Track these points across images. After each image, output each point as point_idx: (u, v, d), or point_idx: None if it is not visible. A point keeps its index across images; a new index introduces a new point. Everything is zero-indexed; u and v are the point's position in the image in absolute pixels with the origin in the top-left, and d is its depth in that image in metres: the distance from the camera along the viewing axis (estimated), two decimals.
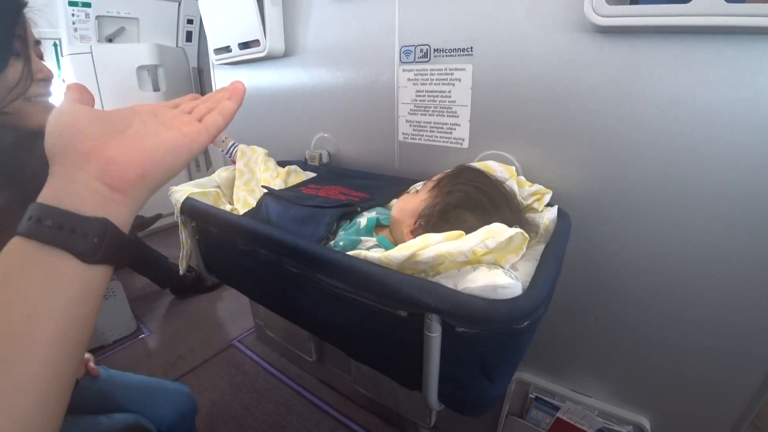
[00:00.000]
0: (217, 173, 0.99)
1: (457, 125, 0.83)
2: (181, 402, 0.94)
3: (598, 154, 0.70)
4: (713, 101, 0.59)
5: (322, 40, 1.01)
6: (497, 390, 0.50)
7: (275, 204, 0.76)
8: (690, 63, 0.59)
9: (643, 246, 0.71)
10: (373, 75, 0.93)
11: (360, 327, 0.55)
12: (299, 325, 0.72)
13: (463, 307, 0.40)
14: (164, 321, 2.00)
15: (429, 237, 0.49)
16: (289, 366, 1.65)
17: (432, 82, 0.83)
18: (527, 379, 0.93)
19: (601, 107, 0.67)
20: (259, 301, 0.90)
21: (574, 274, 0.78)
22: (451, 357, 0.47)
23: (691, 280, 0.68)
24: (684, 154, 0.62)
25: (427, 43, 0.82)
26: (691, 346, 0.72)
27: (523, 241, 0.48)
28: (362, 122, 1.00)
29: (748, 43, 0.55)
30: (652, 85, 0.62)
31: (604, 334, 0.81)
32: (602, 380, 0.86)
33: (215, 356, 1.73)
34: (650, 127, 0.64)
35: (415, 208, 0.64)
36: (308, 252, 0.53)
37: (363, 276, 0.47)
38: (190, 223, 0.84)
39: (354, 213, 0.71)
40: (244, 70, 1.25)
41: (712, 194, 0.62)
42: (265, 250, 0.62)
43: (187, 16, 2.85)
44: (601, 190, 0.71)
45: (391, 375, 0.59)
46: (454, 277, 0.46)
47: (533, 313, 0.41)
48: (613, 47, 0.64)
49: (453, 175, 0.67)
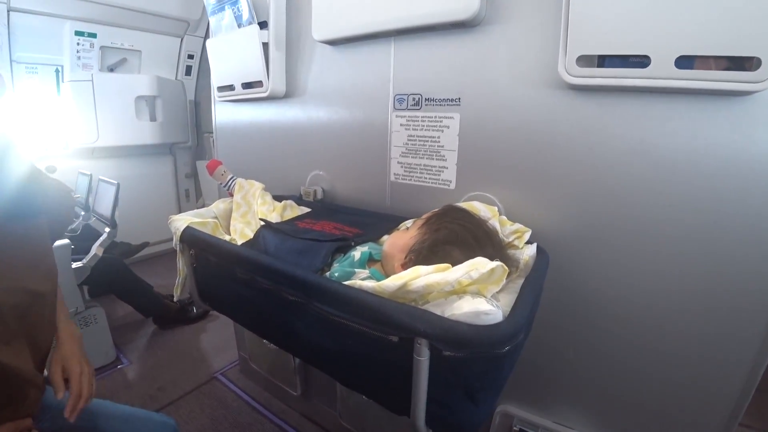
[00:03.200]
0: (214, 204, 1.03)
1: (445, 168, 0.90)
2: None
3: (572, 196, 0.77)
4: (671, 150, 0.67)
5: (321, 84, 1.09)
6: (481, 414, 0.54)
7: (272, 236, 0.80)
8: (650, 117, 0.68)
9: (615, 280, 0.77)
10: (367, 119, 1.01)
11: (353, 352, 0.59)
12: (292, 352, 0.75)
13: (450, 331, 0.45)
14: (145, 351, 1.96)
15: (419, 269, 0.54)
16: (273, 400, 1.62)
17: (423, 127, 0.91)
18: (511, 411, 0.95)
19: (574, 155, 0.75)
20: (253, 329, 0.92)
21: (554, 308, 0.83)
22: (438, 381, 0.51)
23: (658, 312, 0.74)
24: (648, 197, 0.70)
25: (419, 93, 0.90)
26: (664, 374, 0.77)
27: (503, 273, 0.53)
28: (356, 162, 1.06)
29: (698, 102, 0.64)
30: (618, 136, 0.71)
31: (582, 365, 0.85)
32: (583, 412, 0.89)
33: (197, 389, 1.69)
34: (618, 172, 0.72)
35: (405, 244, 0.69)
36: (308, 281, 0.57)
37: (359, 303, 0.51)
38: (189, 252, 0.87)
39: (348, 247, 0.76)
40: (246, 107, 1.32)
41: (674, 232, 0.69)
42: (264, 279, 0.66)
43: (188, 52, 2.97)
44: (577, 228, 0.78)
45: (380, 400, 0.62)
46: (441, 306, 0.50)
47: (514, 338, 0.46)
48: (584, 102, 0.73)
49: (441, 214, 0.73)
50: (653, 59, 0.61)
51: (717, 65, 0.58)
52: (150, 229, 2.94)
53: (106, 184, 1.83)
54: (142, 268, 2.71)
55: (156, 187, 3.08)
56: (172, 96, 2.90)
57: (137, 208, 2.75)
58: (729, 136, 0.62)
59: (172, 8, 2.64)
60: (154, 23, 2.68)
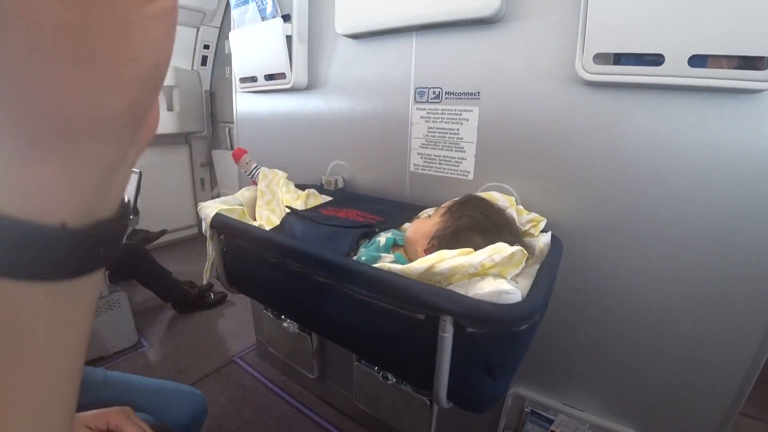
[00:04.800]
0: (240, 192, 1.08)
1: (463, 159, 0.94)
2: (195, 404, 0.99)
3: (586, 188, 0.80)
4: (683, 146, 0.70)
5: (343, 76, 1.13)
6: (499, 388, 0.58)
7: (299, 223, 0.84)
8: (663, 113, 0.71)
9: (626, 268, 0.80)
10: (388, 111, 1.04)
11: (380, 330, 0.63)
12: (319, 332, 0.80)
13: (473, 309, 0.49)
14: (165, 335, 2.03)
15: (444, 253, 0.58)
16: (290, 383, 1.68)
17: (442, 120, 0.94)
18: (523, 393, 1.00)
19: (589, 148, 0.78)
20: (281, 310, 0.97)
21: (566, 294, 0.87)
22: (460, 356, 0.55)
23: (667, 300, 0.78)
24: (659, 189, 0.73)
25: (440, 86, 0.93)
26: (671, 358, 0.81)
27: (523, 257, 0.57)
28: (376, 152, 1.10)
29: (709, 100, 0.67)
30: (632, 131, 0.74)
31: (593, 350, 0.89)
32: (592, 394, 0.93)
33: (216, 371, 1.76)
34: (631, 165, 0.75)
35: (428, 231, 0.73)
36: (340, 264, 0.62)
37: (389, 284, 0.56)
38: (218, 237, 0.92)
39: (373, 233, 0.80)
40: (267, 98, 1.36)
41: (683, 222, 0.73)
42: (295, 262, 0.70)
43: (204, 42, 3.00)
44: (590, 218, 0.81)
45: (404, 376, 0.66)
46: (465, 286, 0.54)
47: (531, 317, 0.50)
48: (600, 98, 0.76)
49: (462, 203, 0.77)
50: (667, 58, 0.64)
51: (729, 64, 0.61)
52: (167, 216, 3.02)
53: None
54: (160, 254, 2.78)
55: (172, 175, 3.15)
56: (188, 86, 2.95)
57: (154, 196, 2.81)
58: (739, 132, 0.65)
59: None
60: None
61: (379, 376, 1.14)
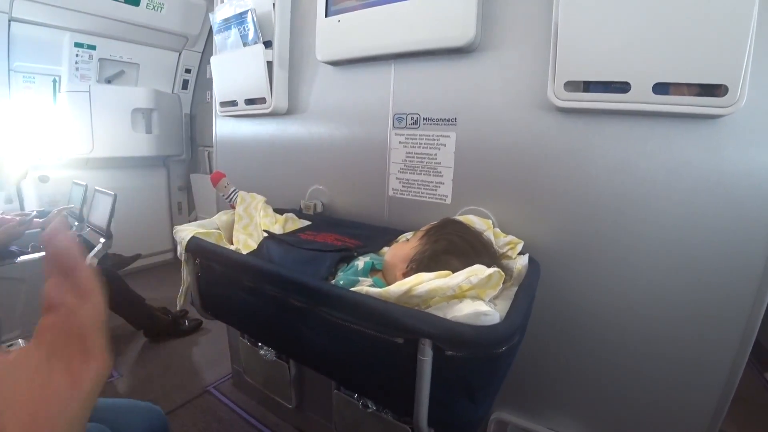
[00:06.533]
0: (217, 216, 1.06)
1: (441, 183, 0.95)
2: (152, 419, 0.92)
3: (561, 210, 0.82)
4: (651, 169, 0.73)
5: (323, 102, 1.14)
6: (480, 412, 0.57)
7: (277, 247, 0.83)
8: (631, 138, 0.74)
9: (600, 288, 0.82)
10: (367, 136, 1.06)
11: (359, 355, 0.62)
12: (296, 359, 0.77)
13: (452, 331, 0.49)
14: (136, 364, 1.94)
15: (422, 275, 0.58)
16: (267, 414, 1.62)
17: (420, 145, 0.96)
18: (506, 418, 0.99)
19: (562, 171, 0.81)
20: (257, 337, 0.94)
21: (544, 316, 0.87)
22: (440, 381, 0.54)
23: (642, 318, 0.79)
24: (630, 211, 0.76)
25: (418, 112, 0.96)
26: (648, 378, 0.81)
27: (500, 279, 0.57)
28: (355, 177, 1.11)
29: (674, 125, 0.71)
30: (602, 155, 0.77)
31: (573, 371, 0.90)
32: (576, 418, 0.92)
33: (189, 402, 1.68)
34: (603, 188, 0.78)
35: (406, 254, 0.73)
36: (317, 288, 0.61)
37: (367, 308, 0.55)
38: (194, 261, 0.89)
39: (351, 257, 0.79)
40: (247, 122, 1.36)
41: (653, 243, 0.75)
42: (272, 287, 0.69)
43: (186, 66, 3.02)
44: (566, 240, 0.83)
45: (384, 402, 0.65)
46: (443, 309, 0.54)
47: (510, 339, 0.50)
48: (572, 124, 0.79)
49: (439, 226, 0.77)
50: (633, 85, 0.67)
51: (690, 91, 0.65)
52: (142, 241, 2.93)
53: (102, 195, 1.84)
54: (134, 280, 2.68)
55: (149, 199, 3.08)
56: (168, 109, 2.93)
57: (130, 219, 2.74)
58: (702, 155, 0.69)
59: (172, 23, 2.70)
60: (153, 37, 2.72)
61: (359, 404, 1.10)
